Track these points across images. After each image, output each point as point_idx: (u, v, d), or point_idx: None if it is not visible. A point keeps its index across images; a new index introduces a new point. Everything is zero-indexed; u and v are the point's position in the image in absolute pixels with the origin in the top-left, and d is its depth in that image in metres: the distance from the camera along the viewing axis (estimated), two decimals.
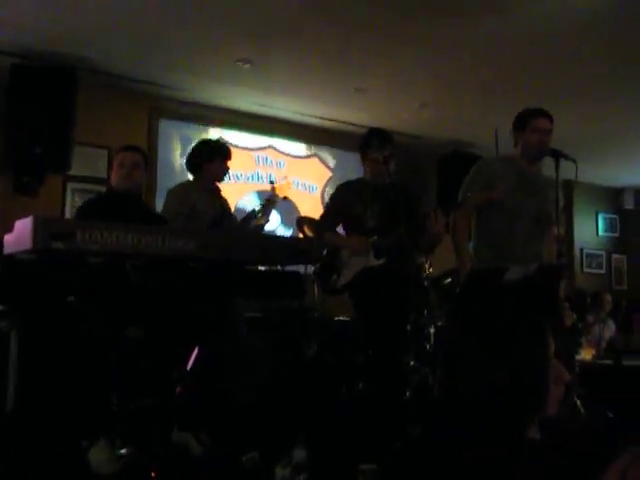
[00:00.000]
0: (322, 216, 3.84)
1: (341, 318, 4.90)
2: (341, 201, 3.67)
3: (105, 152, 5.15)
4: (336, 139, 6.42)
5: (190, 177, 3.88)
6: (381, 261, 3.41)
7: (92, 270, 2.47)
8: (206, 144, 3.92)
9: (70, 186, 5.14)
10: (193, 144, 4.10)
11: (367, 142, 3.58)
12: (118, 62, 4.92)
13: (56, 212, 5.02)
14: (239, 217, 4.05)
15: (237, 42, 4.54)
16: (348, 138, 5.84)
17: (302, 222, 4.92)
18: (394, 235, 3.40)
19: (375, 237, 3.45)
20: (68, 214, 5.07)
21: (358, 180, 3.76)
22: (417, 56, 4.76)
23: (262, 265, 3.41)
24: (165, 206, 3.74)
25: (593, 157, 6.86)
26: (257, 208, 3.96)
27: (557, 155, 3.18)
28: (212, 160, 3.72)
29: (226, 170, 3.82)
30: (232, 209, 4.08)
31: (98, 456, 2.51)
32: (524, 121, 3.32)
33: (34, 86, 4.61)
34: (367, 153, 3.56)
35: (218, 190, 3.84)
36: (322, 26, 4.31)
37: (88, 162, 5.14)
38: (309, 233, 4.69)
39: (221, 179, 3.83)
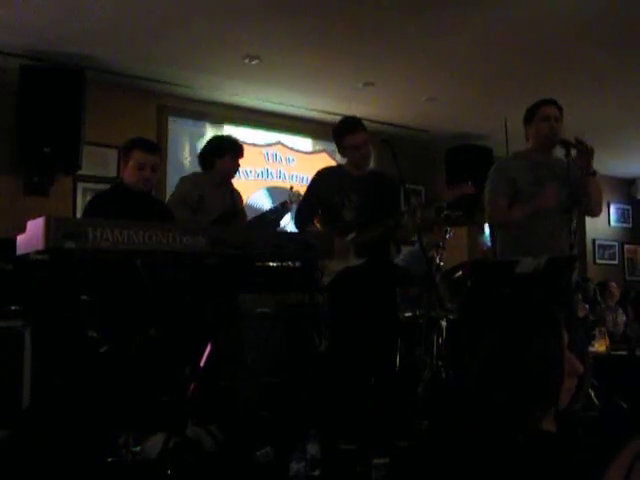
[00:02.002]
0: (300, 207, 3.72)
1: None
2: (319, 189, 3.58)
3: (115, 151, 5.15)
4: None
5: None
6: (362, 260, 3.36)
7: (104, 268, 2.48)
8: (217, 140, 3.93)
9: (80, 185, 5.17)
10: (204, 140, 4.12)
11: (339, 130, 3.54)
12: (126, 61, 4.93)
13: (67, 212, 5.05)
14: (249, 214, 4.06)
15: (245, 38, 4.53)
16: None
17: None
18: (373, 231, 3.36)
19: (354, 234, 3.39)
20: (79, 214, 5.09)
21: (338, 167, 3.72)
22: (424, 49, 4.74)
23: (273, 261, 3.41)
24: (174, 192, 3.81)
25: (604, 147, 6.80)
26: (272, 208, 3.97)
27: (567, 145, 3.16)
28: (222, 156, 3.73)
29: (236, 167, 3.82)
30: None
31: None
32: (531, 112, 3.33)
33: (43, 87, 4.63)
34: (341, 141, 3.51)
35: (231, 186, 3.85)
36: (329, 21, 4.29)
37: (98, 161, 5.16)
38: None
39: (231, 176, 3.84)
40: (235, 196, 3.85)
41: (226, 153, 3.74)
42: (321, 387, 3.39)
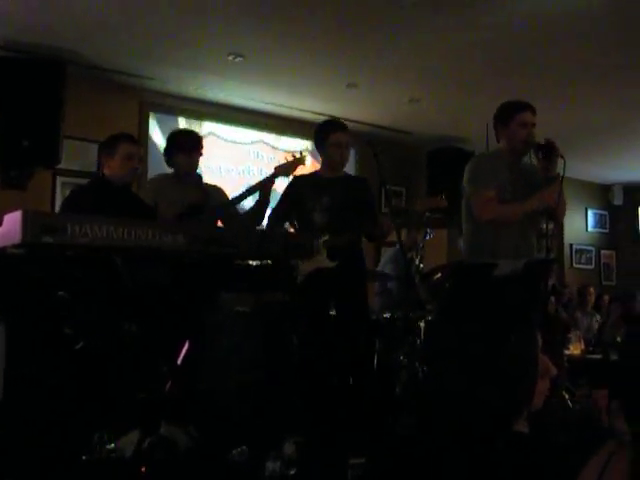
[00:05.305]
0: (273, 209, 3.75)
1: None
2: (293, 194, 3.66)
3: (95, 146, 5.08)
4: None
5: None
6: (334, 263, 3.39)
7: (82, 264, 2.46)
8: (171, 137, 3.80)
9: (60, 180, 5.11)
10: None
11: (325, 127, 3.65)
12: (108, 55, 4.88)
13: (45, 206, 4.99)
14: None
15: (229, 36, 4.52)
16: None
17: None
18: (345, 234, 3.43)
19: (326, 237, 3.42)
20: (58, 208, 5.04)
21: (312, 173, 3.80)
22: (408, 51, 4.76)
23: (254, 259, 3.40)
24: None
25: (582, 153, 6.90)
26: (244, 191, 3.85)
27: (541, 148, 3.19)
28: (174, 155, 3.64)
29: (193, 163, 3.68)
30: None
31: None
32: (508, 116, 3.29)
33: (23, 79, 4.57)
34: (326, 137, 3.57)
35: (199, 181, 3.76)
36: (314, 21, 4.30)
37: (78, 156, 5.10)
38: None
39: (192, 171, 3.71)
40: (205, 191, 3.72)
41: (179, 152, 3.62)
42: (299, 387, 3.40)
